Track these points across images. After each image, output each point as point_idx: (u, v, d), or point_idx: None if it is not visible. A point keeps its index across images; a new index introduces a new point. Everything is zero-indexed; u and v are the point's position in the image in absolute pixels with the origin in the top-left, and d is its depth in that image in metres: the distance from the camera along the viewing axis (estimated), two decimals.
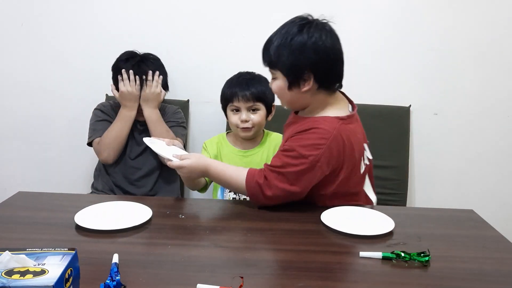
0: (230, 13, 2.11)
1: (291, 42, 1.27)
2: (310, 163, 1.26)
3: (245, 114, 1.67)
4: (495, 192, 2.20)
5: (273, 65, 1.33)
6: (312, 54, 1.26)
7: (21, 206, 1.35)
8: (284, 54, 1.28)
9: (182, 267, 1.00)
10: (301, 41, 1.26)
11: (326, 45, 1.27)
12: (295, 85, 1.31)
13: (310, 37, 1.26)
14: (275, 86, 1.35)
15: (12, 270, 0.70)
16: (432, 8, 2.07)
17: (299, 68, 1.28)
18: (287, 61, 1.28)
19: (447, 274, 0.99)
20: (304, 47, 1.26)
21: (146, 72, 1.84)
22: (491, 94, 2.13)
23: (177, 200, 1.39)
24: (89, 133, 1.92)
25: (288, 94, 1.33)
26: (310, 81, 1.29)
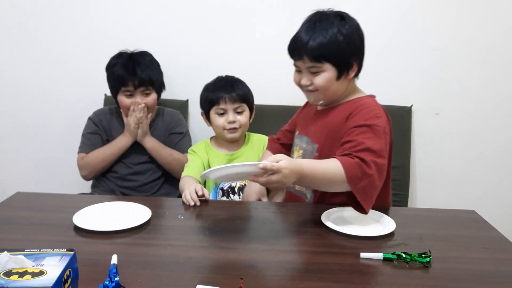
0: (230, 13, 2.11)
1: (339, 32, 1.30)
2: (381, 130, 1.28)
3: (232, 115, 1.69)
4: (497, 192, 2.20)
5: (321, 58, 1.31)
6: (358, 41, 1.35)
7: (20, 206, 1.34)
8: (335, 45, 1.30)
9: (182, 268, 0.99)
10: (348, 30, 1.32)
11: (362, 33, 1.37)
12: (343, 74, 1.34)
13: (352, 25, 1.34)
14: (322, 79, 1.33)
15: (11, 271, 0.70)
16: (434, 8, 2.06)
17: (348, 56, 1.33)
18: (338, 52, 1.31)
19: (448, 275, 0.99)
20: (351, 35, 1.32)
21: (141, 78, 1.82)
22: (493, 94, 2.13)
23: (176, 200, 1.39)
24: (80, 143, 1.91)
25: (335, 84, 1.35)
26: (355, 67, 1.35)
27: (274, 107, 2.07)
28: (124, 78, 1.80)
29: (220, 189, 1.71)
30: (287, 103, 2.12)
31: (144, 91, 1.84)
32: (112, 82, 1.85)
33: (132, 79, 1.80)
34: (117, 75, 1.81)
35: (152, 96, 1.87)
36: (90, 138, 1.89)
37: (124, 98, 1.83)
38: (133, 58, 1.85)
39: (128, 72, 1.80)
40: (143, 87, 1.83)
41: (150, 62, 1.88)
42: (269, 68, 2.11)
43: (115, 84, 1.84)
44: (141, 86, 1.82)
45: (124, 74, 1.80)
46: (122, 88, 1.82)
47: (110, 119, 1.93)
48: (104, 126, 1.91)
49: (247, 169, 1.11)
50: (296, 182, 1.20)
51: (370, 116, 1.29)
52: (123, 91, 1.83)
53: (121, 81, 1.81)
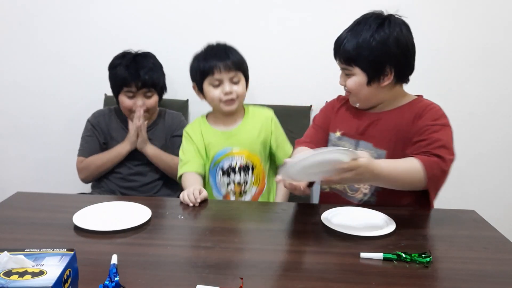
0: (230, 12, 2.11)
1: (372, 37, 1.28)
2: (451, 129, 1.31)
3: (228, 85, 1.59)
4: (497, 192, 2.20)
5: (352, 62, 1.32)
6: (394, 48, 1.29)
7: (20, 206, 1.34)
8: (366, 50, 1.28)
9: (182, 268, 0.99)
10: (383, 36, 1.28)
11: (406, 39, 1.31)
12: (374, 80, 1.32)
13: (392, 31, 1.29)
14: (352, 82, 1.34)
15: (11, 271, 0.70)
16: (434, 8, 2.06)
17: (381, 63, 1.30)
18: (369, 57, 1.29)
19: (448, 274, 0.99)
20: (386, 42, 1.28)
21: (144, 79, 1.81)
22: (492, 94, 2.13)
23: (176, 200, 1.39)
24: (79, 145, 1.91)
25: (366, 89, 1.34)
26: (391, 75, 1.31)
27: (274, 107, 2.06)
28: (127, 80, 1.79)
29: (220, 168, 1.65)
30: (287, 103, 2.13)
31: (146, 93, 1.83)
32: (114, 82, 1.85)
33: (134, 80, 1.79)
34: (120, 76, 1.81)
35: (154, 99, 1.86)
36: (88, 141, 1.89)
37: (126, 99, 1.82)
38: (137, 60, 1.84)
39: (131, 74, 1.79)
40: (145, 89, 1.82)
41: (154, 64, 1.87)
42: (270, 68, 2.11)
43: (117, 84, 1.83)
44: (143, 88, 1.81)
45: (127, 76, 1.79)
46: (124, 89, 1.81)
47: (109, 120, 1.92)
48: (102, 128, 1.90)
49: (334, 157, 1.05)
50: (369, 181, 1.23)
51: (440, 115, 1.34)
52: (125, 92, 1.82)
53: (123, 82, 1.80)
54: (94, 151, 1.88)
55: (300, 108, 2.15)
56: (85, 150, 1.88)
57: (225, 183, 1.64)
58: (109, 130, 1.91)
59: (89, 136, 1.89)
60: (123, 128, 1.90)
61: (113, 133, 1.90)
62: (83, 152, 1.88)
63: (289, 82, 2.16)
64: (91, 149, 1.88)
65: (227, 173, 1.64)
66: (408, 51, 1.33)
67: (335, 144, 1.43)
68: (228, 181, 1.64)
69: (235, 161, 1.64)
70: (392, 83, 1.33)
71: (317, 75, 2.18)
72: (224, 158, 1.64)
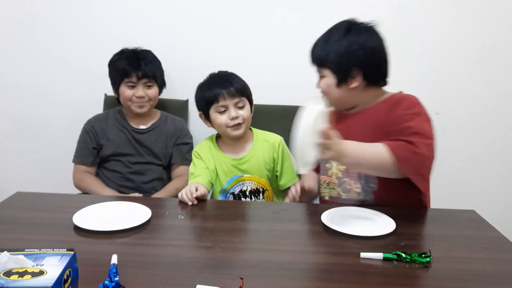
0: (230, 12, 2.11)
1: (339, 41, 1.35)
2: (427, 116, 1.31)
3: (234, 110, 1.62)
4: (497, 192, 2.20)
5: (322, 64, 1.39)
6: (360, 52, 1.34)
7: (20, 206, 1.34)
8: (333, 53, 1.36)
9: (182, 268, 0.99)
10: (350, 41, 1.34)
11: (374, 44, 1.37)
12: (343, 82, 1.36)
13: (359, 37, 1.35)
14: (323, 84, 1.40)
15: (11, 271, 0.70)
16: (434, 8, 2.06)
17: (347, 66, 1.35)
18: (335, 59, 1.35)
19: (448, 274, 0.99)
20: (351, 46, 1.34)
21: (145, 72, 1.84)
22: (492, 94, 2.13)
23: (176, 200, 1.39)
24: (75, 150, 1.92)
25: (336, 91, 1.38)
26: (358, 78, 1.35)
27: (274, 107, 2.06)
28: (128, 70, 1.82)
29: (231, 193, 1.67)
30: (287, 103, 2.12)
31: (146, 83, 1.85)
32: (115, 74, 1.86)
33: (135, 71, 1.82)
34: (121, 67, 1.84)
35: (154, 89, 1.88)
36: (81, 148, 1.90)
37: (126, 89, 1.84)
38: (137, 53, 1.88)
39: (132, 64, 1.83)
40: (146, 79, 1.84)
41: (153, 58, 1.91)
42: (270, 68, 2.11)
43: (118, 76, 1.85)
44: (143, 78, 1.84)
45: (127, 66, 1.82)
46: (125, 79, 1.83)
47: (105, 123, 1.91)
48: (96, 132, 1.89)
49: None
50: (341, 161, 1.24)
51: (413, 104, 1.34)
52: (126, 82, 1.84)
53: (124, 73, 1.83)
54: (87, 159, 1.89)
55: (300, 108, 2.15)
56: (78, 157, 1.91)
57: None
58: (105, 132, 1.89)
59: (82, 142, 1.91)
60: (121, 130, 1.90)
61: (109, 134, 1.89)
62: (77, 159, 1.91)
63: (289, 82, 2.16)
64: (83, 156, 1.89)
65: (238, 196, 1.67)
66: (375, 56, 1.37)
67: None
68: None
69: (246, 186, 1.67)
70: (362, 86, 1.37)
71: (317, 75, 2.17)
72: (235, 184, 1.67)
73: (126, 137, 1.90)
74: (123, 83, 1.84)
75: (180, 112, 2.08)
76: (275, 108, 2.06)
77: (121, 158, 1.88)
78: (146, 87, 1.86)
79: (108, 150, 1.88)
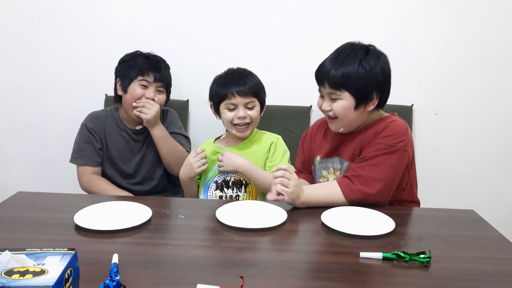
0: (230, 13, 2.11)
1: (360, 64, 1.37)
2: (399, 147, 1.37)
3: (242, 110, 1.63)
4: (496, 192, 2.20)
5: (340, 86, 1.39)
6: (380, 75, 1.39)
7: (21, 206, 1.35)
8: (355, 75, 1.36)
9: (182, 267, 0.99)
10: (372, 64, 1.38)
11: (388, 67, 1.44)
12: (361, 104, 1.40)
13: (378, 60, 1.40)
14: (339, 106, 1.41)
15: (12, 270, 0.70)
16: (434, 8, 2.07)
17: (369, 89, 1.38)
18: (359, 83, 1.37)
19: (447, 274, 0.99)
20: (374, 69, 1.38)
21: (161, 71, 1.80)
22: (492, 94, 2.13)
23: (176, 200, 1.39)
24: (73, 150, 1.83)
25: (353, 114, 1.41)
26: (376, 100, 1.40)
27: (276, 107, 2.07)
28: (147, 68, 1.76)
29: (214, 182, 1.67)
30: (289, 104, 2.13)
31: (159, 87, 1.80)
32: (129, 70, 1.77)
33: (154, 71, 1.77)
34: (139, 64, 1.77)
35: (163, 96, 1.83)
36: (83, 148, 1.81)
37: (138, 87, 1.76)
38: (155, 56, 1.85)
39: (152, 63, 1.78)
40: (159, 83, 1.79)
41: (168, 67, 1.88)
42: (270, 68, 2.11)
43: (133, 72, 1.77)
44: (158, 81, 1.79)
45: (146, 64, 1.77)
46: (139, 77, 1.76)
47: (105, 123, 1.85)
48: (100, 132, 1.83)
49: None
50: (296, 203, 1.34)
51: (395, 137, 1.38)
52: (140, 80, 1.76)
53: (141, 70, 1.76)
54: (93, 160, 1.81)
55: (300, 108, 2.16)
56: (82, 158, 1.80)
57: (217, 196, 1.67)
58: (105, 134, 1.84)
59: (85, 142, 1.81)
60: (120, 135, 1.86)
61: (108, 138, 1.84)
62: (80, 160, 1.80)
63: (289, 82, 2.16)
64: (88, 157, 1.80)
65: (221, 187, 1.67)
66: (389, 78, 1.44)
67: (319, 168, 1.57)
68: (220, 194, 1.67)
69: (229, 177, 1.67)
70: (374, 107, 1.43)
71: None
72: (219, 172, 1.67)
73: (124, 138, 1.86)
74: (137, 80, 1.76)
75: (180, 112, 2.08)
76: (275, 108, 2.06)
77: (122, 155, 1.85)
78: (157, 91, 1.80)
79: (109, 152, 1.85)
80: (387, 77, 1.43)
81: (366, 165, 1.36)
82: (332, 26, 2.12)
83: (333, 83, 1.39)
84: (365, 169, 1.35)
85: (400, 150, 1.37)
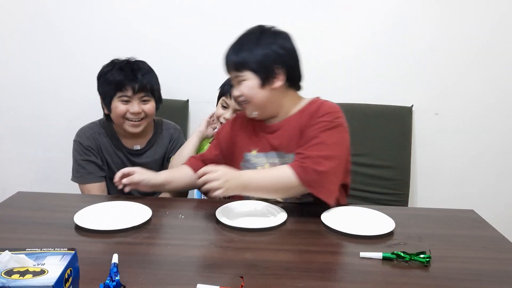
0: (230, 13, 2.11)
1: (257, 43, 1.36)
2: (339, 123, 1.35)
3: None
4: (496, 192, 2.20)
5: (241, 67, 1.38)
6: (280, 50, 1.36)
7: (21, 206, 1.35)
8: (252, 54, 1.36)
9: (182, 267, 0.99)
10: (268, 41, 1.36)
11: (289, 46, 1.39)
12: (266, 82, 1.36)
13: (276, 37, 1.38)
14: (245, 87, 1.38)
15: (12, 270, 0.70)
16: (434, 8, 2.07)
17: (269, 63, 1.35)
18: (257, 58, 1.35)
19: (447, 274, 0.99)
20: (272, 45, 1.36)
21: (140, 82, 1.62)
22: (492, 94, 2.13)
23: (176, 200, 1.39)
24: (73, 169, 1.69)
25: (260, 93, 1.37)
26: (281, 77, 1.36)
27: None
28: (122, 82, 1.60)
29: None
30: None
31: (142, 97, 1.63)
32: (106, 87, 1.63)
33: (131, 83, 1.60)
34: (114, 79, 1.60)
35: (151, 104, 1.66)
36: (84, 166, 1.67)
37: (120, 104, 1.61)
38: (131, 63, 1.66)
39: (127, 76, 1.60)
40: (142, 93, 1.63)
41: (150, 69, 1.69)
42: None
43: (110, 89, 1.62)
44: (140, 91, 1.62)
45: (122, 78, 1.60)
46: (118, 94, 1.61)
47: (100, 141, 1.70)
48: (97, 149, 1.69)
49: None
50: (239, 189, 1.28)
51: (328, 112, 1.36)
52: (119, 97, 1.61)
53: (118, 86, 1.60)
54: (98, 175, 1.68)
55: None
56: (87, 177, 1.67)
57: None
58: (104, 153, 1.71)
59: (85, 160, 1.67)
60: (117, 155, 1.72)
61: (107, 158, 1.71)
62: (83, 179, 1.67)
63: None
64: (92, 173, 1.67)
65: None
66: (293, 56, 1.40)
67: (254, 163, 1.47)
68: None
69: None
70: (284, 87, 1.39)
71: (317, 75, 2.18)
72: None
73: (120, 158, 1.72)
74: (116, 97, 1.61)
75: (180, 112, 2.08)
76: None
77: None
78: (142, 102, 1.64)
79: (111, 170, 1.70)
80: (290, 53, 1.38)
81: (312, 145, 1.32)
82: (332, 26, 2.12)
83: (235, 66, 1.39)
84: (312, 150, 1.31)
85: (341, 125, 1.35)
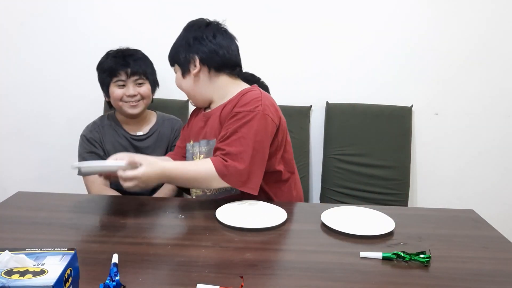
0: (229, 12, 2.10)
1: (179, 37, 1.50)
2: (257, 112, 1.36)
3: None
4: (496, 192, 2.21)
5: (171, 62, 1.52)
6: (191, 40, 1.45)
7: (21, 206, 1.35)
8: (173, 47, 1.50)
9: (182, 267, 0.99)
10: (186, 34, 1.47)
11: (206, 34, 1.45)
12: (186, 71, 1.46)
13: (192, 29, 1.48)
14: (176, 79, 1.51)
15: (12, 270, 0.70)
16: (434, 9, 2.07)
17: (184, 53, 1.45)
18: (174, 51, 1.49)
19: (447, 274, 0.99)
20: (187, 36, 1.47)
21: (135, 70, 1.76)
22: (492, 94, 2.13)
23: (176, 200, 1.39)
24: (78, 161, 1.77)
25: (184, 82, 1.48)
26: (197, 62, 1.44)
27: None
28: (115, 68, 1.73)
29: None
30: (289, 104, 2.13)
31: (137, 80, 1.76)
32: (102, 75, 1.77)
33: (123, 68, 1.73)
34: (108, 67, 1.75)
35: (146, 86, 1.78)
36: (87, 158, 1.76)
37: (116, 88, 1.75)
38: (123, 51, 1.80)
39: (119, 62, 1.74)
40: (136, 77, 1.75)
41: (143, 55, 1.82)
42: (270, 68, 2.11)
43: (106, 76, 1.76)
44: (133, 75, 1.75)
45: (114, 65, 1.74)
46: (113, 79, 1.75)
47: (103, 132, 1.81)
48: (100, 141, 1.80)
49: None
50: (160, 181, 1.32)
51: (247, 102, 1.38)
52: (115, 82, 1.75)
53: (112, 72, 1.74)
54: None
55: (300, 108, 2.16)
56: None
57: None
58: (105, 144, 1.80)
59: (88, 153, 1.78)
60: (119, 142, 1.81)
61: (108, 147, 1.80)
62: None
63: (289, 82, 2.16)
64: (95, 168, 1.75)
65: None
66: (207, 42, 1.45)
67: (192, 153, 1.54)
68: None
69: None
70: (206, 73, 1.45)
71: (317, 75, 2.18)
72: None
73: (123, 146, 1.80)
74: (112, 83, 1.75)
75: (180, 112, 2.09)
76: None
77: None
78: (137, 85, 1.76)
79: None
80: (202, 40, 1.44)
81: (232, 140, 1.34)
82: (332, 27, 2.12)
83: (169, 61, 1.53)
84: (232, 145, 1.33)
85: (259, 114, 1.35)
